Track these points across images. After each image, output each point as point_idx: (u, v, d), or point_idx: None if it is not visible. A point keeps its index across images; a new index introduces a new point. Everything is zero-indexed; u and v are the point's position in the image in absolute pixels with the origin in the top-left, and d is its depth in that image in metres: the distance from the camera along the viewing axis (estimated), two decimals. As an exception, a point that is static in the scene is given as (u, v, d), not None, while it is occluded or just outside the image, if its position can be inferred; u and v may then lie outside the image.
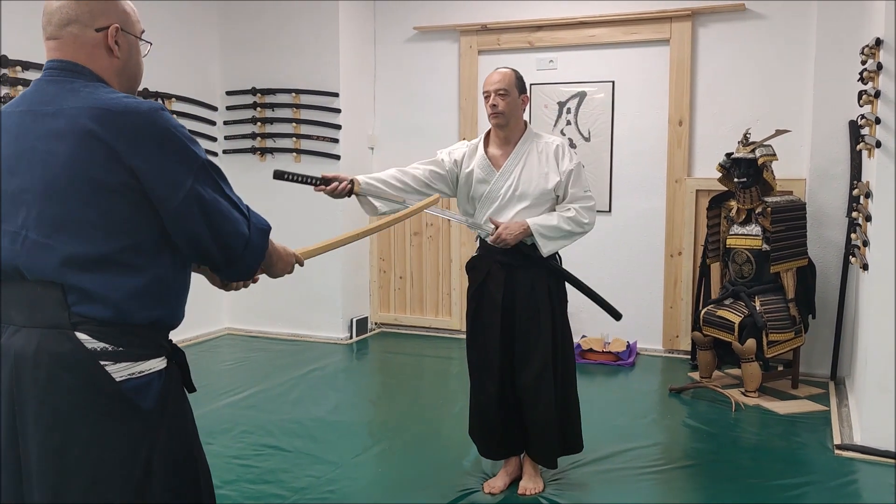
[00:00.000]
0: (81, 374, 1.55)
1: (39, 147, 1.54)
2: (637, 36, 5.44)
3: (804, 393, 4.60)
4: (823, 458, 3.63)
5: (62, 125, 1.52)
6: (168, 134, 1.55)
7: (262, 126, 6.04)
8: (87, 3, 1.61)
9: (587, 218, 3.13)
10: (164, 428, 1.66)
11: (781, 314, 4.50)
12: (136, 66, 1.72)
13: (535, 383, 3.13)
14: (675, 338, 5.50)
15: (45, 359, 1.54)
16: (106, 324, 1.56)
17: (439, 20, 5.97)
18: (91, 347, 1.55)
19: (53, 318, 1.55)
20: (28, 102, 1.60)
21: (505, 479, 3.30)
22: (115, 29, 1.64)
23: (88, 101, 1.54)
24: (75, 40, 1.61)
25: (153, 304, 1.61)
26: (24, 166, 1.55)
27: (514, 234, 3.05)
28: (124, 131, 1.51)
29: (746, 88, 5.21)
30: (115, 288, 1.55)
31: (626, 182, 5.57)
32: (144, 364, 1.62)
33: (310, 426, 4.05)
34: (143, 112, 1.53)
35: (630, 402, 4.50)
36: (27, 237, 1.55)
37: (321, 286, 6.01)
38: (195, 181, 1.57)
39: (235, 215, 1.65)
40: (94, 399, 1.56)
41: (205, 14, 6.02)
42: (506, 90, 3.12)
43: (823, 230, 4.87)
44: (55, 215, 1.53)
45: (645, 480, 3.41)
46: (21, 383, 1.56)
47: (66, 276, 1.53)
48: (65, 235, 1.53)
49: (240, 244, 1.66)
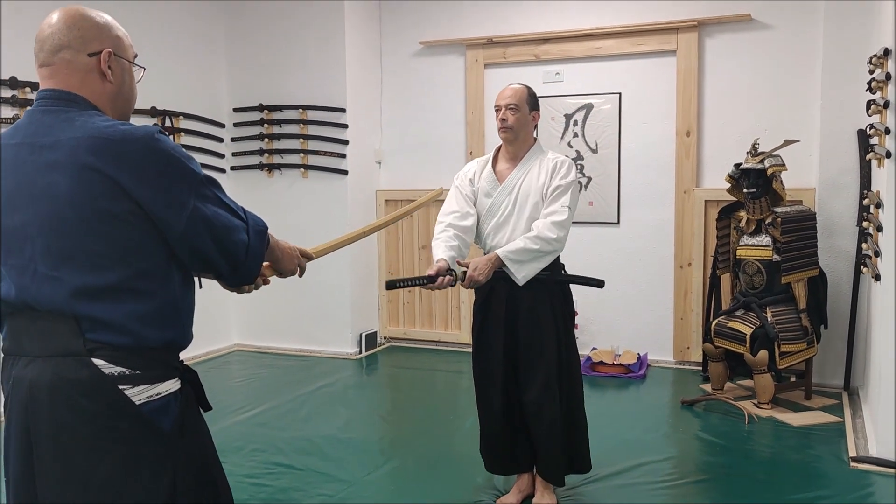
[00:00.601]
0: (101, 399, 1.55)
1: (39, 180, 1.53)
2: (643, 47, 5.44)
3: (818, 404, 4.56)
4: (838, 471, 3.59)
5: (61, 157, 1.52)
6: (166, 159, 1.55)
7: (269, 142, 6.06)
8: (79, 29, 1.61)
9: (554, 233, 3.02)
10: (185, 449, 1.68)
11: (793, 325, 4.47)
12: (129, 91, 1.71)
13: (538, 400, 3.12)
14: (686, 349, 5.47)
15: (64, 386, 1.54)
16: (121, 349, 1.57)
17: (445, 34, 5.99)
18: (109, 372, 1.56)
19: (68, 346, 1.55)
20: (23, 134, 1.58)
21: (517, 495, 3.29)
22: (108, 54, 1.64)
23: (85, 131, 1.53)
24: (67, 66, 1.61)
25: (165, 326, 1.63)
26: (25, 200, 1.55)
27: (485, 271, 3.00)
28: (123, 161, 1.51)
29: (754, 98, 5.20)
30: (127, 314, 1.56)
31: (634, 193, 5.56)
32: (161, 386, 1.63)
33: (321, 444, 4.04)
34: (140, 139, 1.53)
35: (641, 415, 4.47)
36: (36, 271, 1.55)
37: (330, 301, 6.01)
38: (196, 200, 1.59)
39: (235, 223, 1.67)
40: (115, 424, 1.57)
41: (212, 31, 6.05)
42: (516, 105, 3.14)
43: (834, 240, 4.85)
44: (62, 248, 1.53)
45: (658, 495, 3.38)
46: (38, 413, 1.56)
47: (77, 307, 1.54)
48: (73, 267, 1.53)
49: (242, 251, 1.68)
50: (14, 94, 4.49)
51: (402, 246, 6.27)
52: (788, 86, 5.10)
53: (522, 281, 3.06)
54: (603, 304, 5.59)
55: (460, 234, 3.16)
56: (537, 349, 3.13)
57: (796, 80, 5.08)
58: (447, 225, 3.19)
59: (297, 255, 1.97)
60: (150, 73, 1.79)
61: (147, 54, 1.85)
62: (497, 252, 3.04)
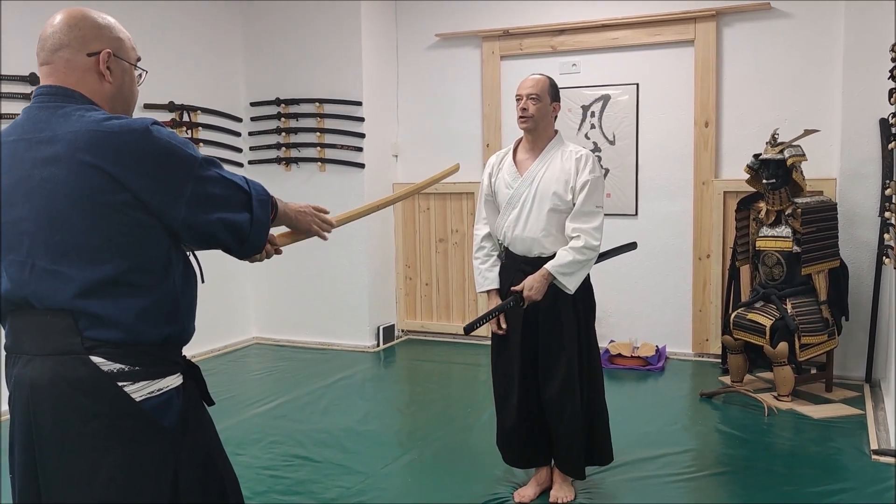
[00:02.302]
0: (101, 397, 1.55)
1: (36, 175, 1.54)
2: (661, 37, 5.40)
3: (839, 396, 4.52)
4: (860, 464, 3.56)
5: (58, 151, 1.52)
6: (162, 148, 1.55)
7: (286, 136, 6.08)
8: (80, 29, 1.63)
9: (596, 239, 3.08)
10: (188, 445, 1.67)
11: (814, 316, 4.43)
12: (129, 93, 1.72)
13: (559, 395, 3.11)
14: (705, 341, 5.44)
15: (63, 385, 1.54)
16: (119, 345, 1.56)
17: (461, 26, 5.97)
18: (107, 370, 1.55)
19: (66, 345, 1.54)
20: (20, 131, 1.59)
21: (535, 487, 3.29)
22: (107, 54, 1.64)
23: (81, 124, 1.53)
24: (66, 65, 1.62)
25: (164, 322, 1.62)
26: (22, 195, 1.55)
27: (541, 290, 3.05)
28: (119, 154, 1.52)
29: (773, 88, 5.15)
30: (125, 309, 1.56)
31: (652, 185, 5.52)
32: (162, 381, 1.62)
33: (339, 436, 4.06)
34: (135, 131, 1.53)
35: (660, 408, 4.45)
36: (34, 265, 1.55)
37: (348, 294, 6.03)
38: (195, 184, 1.59)
39: (238, 197, 1.68)
40: (117, 422, 1.56)
41: (229, 26, 6.07)
42: (537, 95, 3.12)
43: (855, 230, 4.79)
44: (60, 242, 1.53)
45: (677, 488, 3.37)
46: (39, 412, 1.56)
47: (76, 302, 1.53)
48: (71, 261, 1.53)
49: (246, 224, 1.68)
50: (34, 90, 4.51)
51: (419, 239, 6.28)
52: (808, 75, 5.04)
53: (573, 289, 3.08)
54: (621, 296, 5.57)
55: (496, 246, 3.30)
56: (558, 343, 3.12)
57: (816, 68, 5.02)
58: (482, 240, 3.32)
59: (312, 213, 1.96)
60: (167, 68, 1.82)
61: (165, 50, 1.88)
62: (547, 268, 3.05)
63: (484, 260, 3.29)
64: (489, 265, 3.27)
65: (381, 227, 6.20)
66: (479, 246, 3.31)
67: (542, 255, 3.13)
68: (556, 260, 3.06)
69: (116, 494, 1.57)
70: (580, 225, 3.07)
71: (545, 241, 3.12)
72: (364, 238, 5.96)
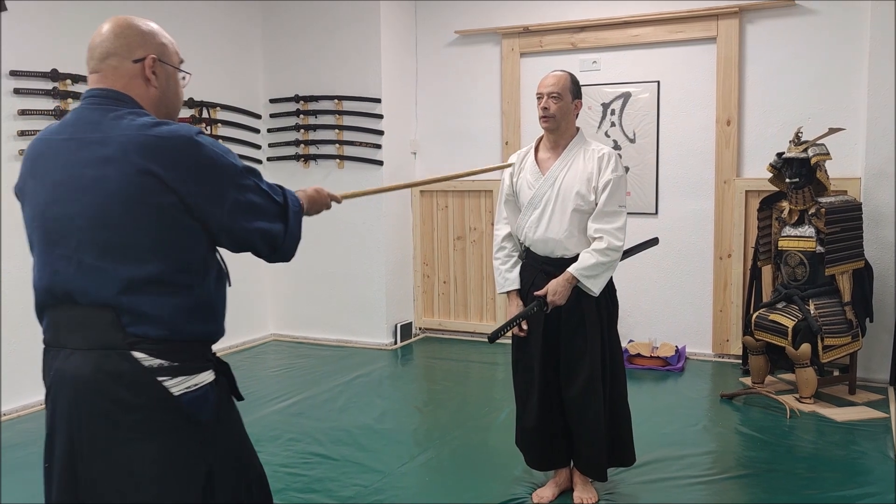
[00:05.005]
0: (142, 391, 1.60)
1: (88, 174, 1.59)
2: (682, 35, 5.34)
3: (862, 399, 4.46)
4: (884, 468, 3.50)
5: (110, 153, 1.58)
6: (207, 156, 1.62)
7: (305, 133, 6.08)
8: (125, 37, 1.69)
9: (619, 240, 3.04)
10: (221, 438, 1.74)
11: (837, 318, 4.37)
12: (174, 96, 1.79)
13: (581, 396, 3.08)
14: (726, 342, 5.38)
15: (105, 379, 1.59)
16: (160, 341, 1.61)
17: (481, 23, 5.94)
18: (148, 365, 1.60)
19: (109, 340, 1.59)
20: (71, 130, 1.65)
21: (554, 488, 3.26)
22: (152, 60, 1.71)
23: (133, 129, 1.60)
24: (114, 71, 1.69)
25: (201, 320, 1.68)
26: (73, 193, 1.61)
27: (564, 294, 3.02)
28: (168, 160, 1.58)
29: (797, 86, 5.08)
30: (167, 307, 1.61)
31: (672, 183, 5.47)
32: (198, 377, 1.68)
33: (356, 434, 4.05)
34: (183, 137, 1.61)
35: (680, 409, 4.40)
36: (81, 261, 1.60)
37: (365, 292, 6.03)
38: (236, 191, 1.66)
39: (274, 208, 1.75)
40: (156, 415, 1.62)
41: (248, 23, 6.08)
42: (559, 94, 3.07)
43: (880, 231, 4.72)
44: (108, 239, 1.59)
45: (698, 490, 3.33)
46: (81, 405, 1.61)
47: (120, 299, 1.59)
48: (118, 259, 1.59)
49: (280, 234, 1.76)
50: (55, 85, 4.55)
51: (437, 236, 6.26)
52: (833, 72, 4.97)
53: (598, 292, 3.05)
54: (641, 296, 5.53)
55: (516, 246, 3.26)
56: (581, 343, 3.08)
57: (842, 66, 4.94)
58: (502, 240, 3.27)
59: (325, 197, 2.03)
60: (187, 65, 1.85)
61: (184, 47, 1.90)
62: (571, 272, 3.01)
63: (504, 260, 3.25)
64: (510, 266, 3.23)
65: (399, 224, 6.19)
66: (500, 246, 3.27)
67: (564, 256, 3.09)
68: (579, 263, 3.02)
69: (155, 485, 1.62)
70: (603, 225, 3.03)
71: (567, 242, 3.08)
72: (382, 236, 5.95)
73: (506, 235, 3.27)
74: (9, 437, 4.05)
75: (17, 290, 4.43)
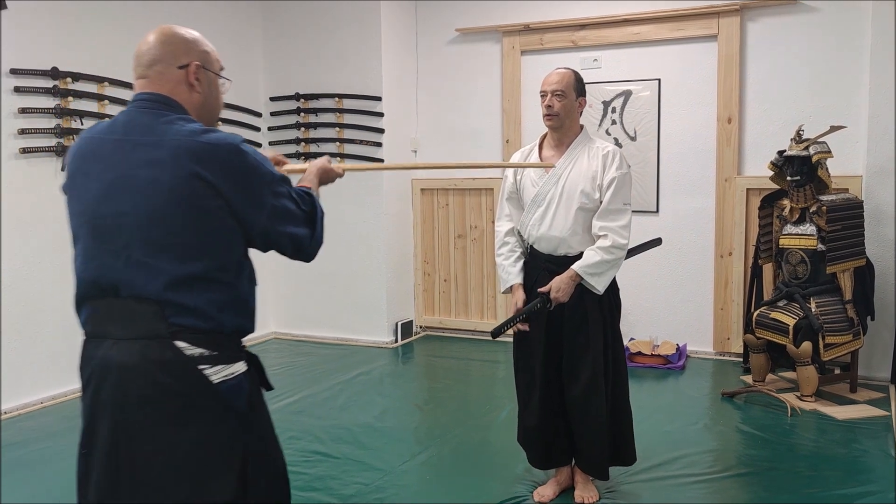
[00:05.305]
0: (184, 378, 1.70)
1: (141, 174, 1.69)
2: (683, 32, 5.34)
3: (863, 397, 4.45)
4: (885, 466, 3.50)
5: (164, 156, 1.69)
6: (251, 164, 1.75)
7: (305, 131, 6.08)
8: (171, 45, 1.80)
9: (624, 238, 3.03)
10: (255, 427, 1.83)
11: (838, 316, 4.36)
12: (215, 101, 1.90)
13: (584, 395, 3.07)
14: (727, 340, 5.38)
15: (150, 367, 1.68)
16: (201, 332, 1.72)
17: (481, 21, 5.93)
18: (190, 353, 1.70)
19: (153, 330, 1.69)
20: (122, 131, 1.75)
21: (555, 487, 3.25)
22: (196, 66, 1.81)
23: (184, 134, 1.71)
24: (161, 77, 1.79)
25: (238, 313, 1.80)
26: (125, 192, 1.70)
27: (567, 291, 3.01)
28: (217, 166, 1.70)
29: (798, 84, 5.07)
30: (209, 301, 1.72)
31: (673, 181, 5.47)
32: (234, 366, 1.78)
33: (357, 432, 4.05)
34: (230, 145, 1.72)
35: (681, 407, 4.40)
36: (130, 257, 1.69)
37: (366, 290, 6.03)
38: (273, 198, 1.79)
39: (302, 215, 1.87)
40: (196, 401, 1.71)
41: (249, 22, 6.07)
42: (563, 92, 3.05)
43: (882, 229, 4.71)
44: (158, 237, 1.69)
45: (699, 489, 3.33)
46: (127, 392, 1.69)
47: (166, 293, 1.68)
48: (167, 256, 1.69)
49: (306, 238, 1.89)
50: (55, 84, 4.54)
51: (437, 235, 6.26)
52: (835, 70, 4.96)
53: (602, 290, 3.04)
54: (641, 294, 5.52)
55: (519, 242, 3.25)
56: (584, 341, 3.07)
57: (843, 63, 4.94)
58: (504, 236, 3.25)
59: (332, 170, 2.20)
60: None
61: None
62: (575, 269, 3.01)
63: (507, 256, 3.24)
64: (513, 260, 3.21)
65: (400, 223, 6.19)
66: (503, 241, 3.26)
67: (567, 254, 3.08)
68: (583, 260, 3.02)
69: (194, 468, 1.71)
70: (607, 223, 3.02)
71: (571, 240, 3.07)
72: (382, 234, 5.95)
73: (508, 231, 3.25)
74: (9, 435, 4.05)
75: (18, 290, 4.43)
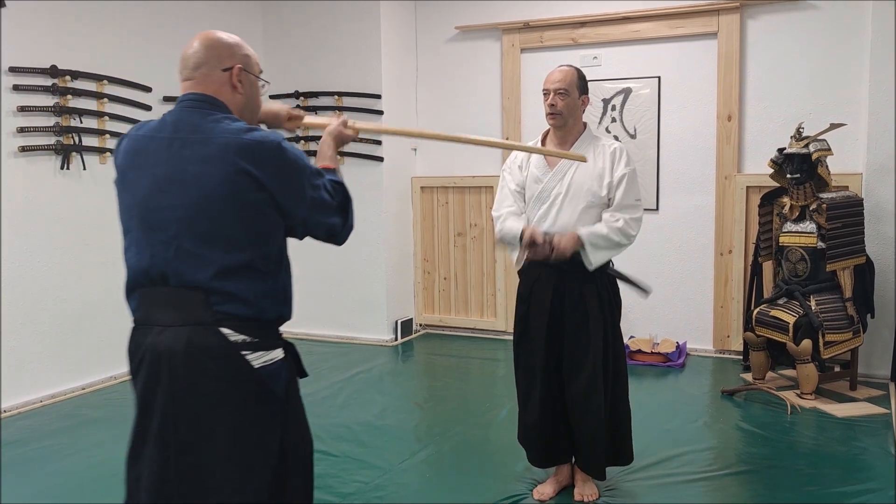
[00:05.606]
0: (227, 363, 1.81)
1: (190, 170, 1.80)
2: (683, 30, 5.33)
3: (863, 395, 4.45)
4: (885, 464, 3.50)
5: (212, 152, 1.80)
6: (292, 160, 1.86)
7: (305, 129, 6.07)
8: (215, 49, 1.92)
9: (634, 230, 3.04)
10: (291, 412, 1.96)
11: (838, 314, 4.36)
12: (256, 101, 2.02)
13: (584, 393, 3.06)
14: (726, 338, 5.38)
15: (196, 352, 1.79)
16: (244, 319, 1.82)
17: (481, 19, 5.93)
18: (233, 340, 1.81)
19: (199, 317, 1.80)
20: (172, 129, 1.86)
21: (555, 485, 3.25)
22: (238, 69, 1.93)
23: (230, 132, 1.82)
24: (206, 79, 1.91)
25: (279, 302, 1.91)
26: (175, 186, 1.81)
27: (568, 244, 2.95)
28: (262, 162, 1.81)
29: (798, 81, 5.07)
30: (252, 290, 1.83)
31: (673, 179, 5.46)
32: (273, 353, 1.89)
33: (357, 430, 4.05)
34: (274, 142, 1.84)
35: (681, 405, 4.40)
36: (179, 247, 1.80)
37: (366, 288, 6.02)
38: (312, 190, 1.91)
39: (335, 205, 1.98)
40: (238, 385, 1.83)
41: (248, 19, 6.06)
42: (566, 90, 3.03)
43: (882, 226, 4.71)
44: (207, 229, 1.80)
45: (699, 487, 3.33)
46: (174, 378, 1.80)
47: (213, 282, 1.79)
48: (213, 246, 1.80)
49: (339, 226, 2.01)
50: (54, 82, 4.54)
51: (437, 233, 6.25)
52: (835, 67, 4.96)
53: (593, 267, 3.00)
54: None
55: (521, 207, 3.19)
56: (584, 340, 3.06)
57: (843, 61, 4.93)
58: (508, 214, 3.16)
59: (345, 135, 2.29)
60: None
61: (184, 42, 1.98)
62: (579, 232, 2.97)
63: (507, 216, 3.13)
64: (517, 217, 3.11)
65: (400, 221, 6.19)
66: (507, 217, 3.15)
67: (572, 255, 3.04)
68: (590, 228, 2.99)
69: (237, 448, 1.83)
70: (622, 214, 3.03)
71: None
72: (382, 232, 5.95)
73: (511, 212, 3.16)
74: (8, 434, 4.05)
75: (17, 288, 4.42)
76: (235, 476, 1.82)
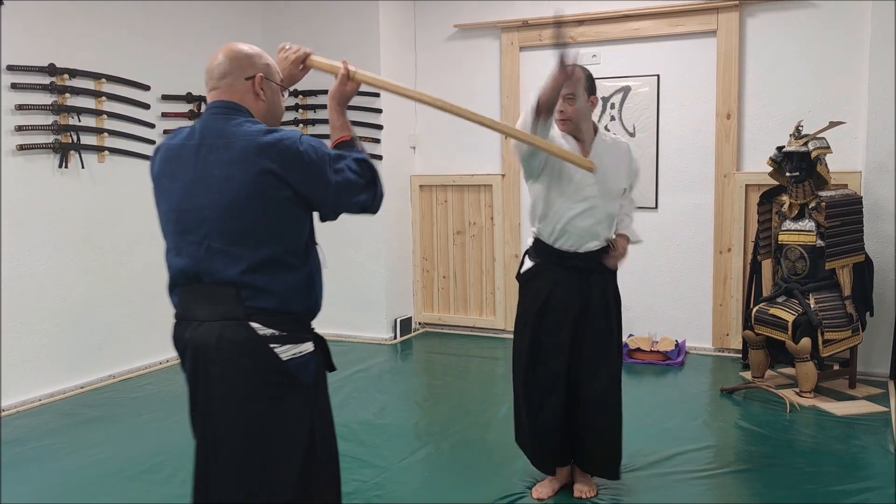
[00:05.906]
0: (257, 356, 1.91)
1: (217, 173, 1.90)
2: (682, 28, 5.33)
3: (862, 393, 4.45)
4: (884, 462, 3.50)
5: (235, 155, 1.90)
6: (311, 153, 1.93)
7: (304, 128, 6.06)
8: (238, 59, 2.03)
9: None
10: (319, 401, 2.06)
11: (837, 312, 4.36)
12: (278, 107, 2.12)
13: (604, 391, 3.03)
14: (726, 336, 5.38)
15: (227, 345, 1.89)
16: (273, 313, 1.92)
17: (480, 17, 5.92)
18: (262, 333, 1.91)
19: (231, 312, 1.90)
20: (200, 136, 1.96)
21: (554, 484, 3.24)
22: (260, 77, 2.04)
23: (251, 134, 1.91)
24: (230, 88, 2.02)
25: (307, 295, 2.01)
26: (203, 189, 1.91)
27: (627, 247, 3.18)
28: (283, 159, 1.89)
29: (797, 79, 5.06)
30: (281, 283, 1.93)
31: (672, 178, 5.46)
32: (302, 346, 1.99)
33: (356, 429, 4.04)
34: (293, 140, 1.92)
35: (680, 403, 4.40)
36: (209, 247, 1.91)
37: (365, 287, 6.02)
38: (336, 175, 1.98)
39: (363, 181, 2.04)
40: (268, 377, 1.92)
41: (248, 19, 6.05)
42: (573, 95, 2.94)
43: (881, 224, 4.71)
44: (235, 228, 1.89)
45: (698, 485, 3.33)
46: (208, 370, 1.91)
47: (243, 277, 1.89)
48: (242, 243, 1.89)
49: (370, 200, 2.07)
50: (52, 80, 4.53)
51: (436, 231, 6.25)
52: (834, 65, 4.95)
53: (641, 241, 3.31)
54: (640, 290, 5.51)
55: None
56: (606, 339, 3.03)
57: (842, 59, 4.93)
58: None
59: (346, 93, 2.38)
60: (186, 61, 2.00)
61: (184, 42, 2.01)
62: (629, 236, 3.20)
63: None
64: None
65: (399, 219, 6.18)
66: None
67: (590, 249, 3.03)
68: (627, 224, 3.22)
69: (269, 437, 1.93)
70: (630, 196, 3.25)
71: (604, 232, 3.06)
72: (381, 230, 5.94)
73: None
74: (8, 432, 4.05)
75: (16, 287, 4.42)
76: (265, 468, 1.92)
